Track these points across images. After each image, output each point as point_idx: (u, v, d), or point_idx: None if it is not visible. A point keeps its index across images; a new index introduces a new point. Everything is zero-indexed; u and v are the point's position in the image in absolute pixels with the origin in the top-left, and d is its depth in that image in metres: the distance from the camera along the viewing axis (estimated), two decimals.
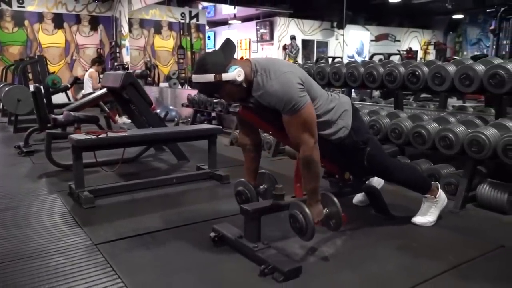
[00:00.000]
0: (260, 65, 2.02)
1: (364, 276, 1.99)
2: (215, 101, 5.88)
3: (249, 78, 2.02)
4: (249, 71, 2.02)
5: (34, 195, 3.31)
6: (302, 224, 2.04)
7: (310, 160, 2.02)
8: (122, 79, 3.90)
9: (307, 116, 1.99)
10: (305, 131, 1.99)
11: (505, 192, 2.80)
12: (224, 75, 1.94)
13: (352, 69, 3.82)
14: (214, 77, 1.93)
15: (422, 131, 3.11)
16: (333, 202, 2.14)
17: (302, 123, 1.98)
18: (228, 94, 2.05)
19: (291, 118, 1.99)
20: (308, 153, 2.01)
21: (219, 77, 1.93)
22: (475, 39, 16.05)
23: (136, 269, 2.06)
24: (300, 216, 2.04)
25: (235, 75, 1.94)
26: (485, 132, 2.75)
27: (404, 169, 2.64)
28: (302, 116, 1.97)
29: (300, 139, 2.01)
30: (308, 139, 2.00)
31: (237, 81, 1.95)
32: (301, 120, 1.98)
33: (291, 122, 2.00)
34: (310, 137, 2.00)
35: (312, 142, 2.01)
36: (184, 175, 3.67)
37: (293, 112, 1.97)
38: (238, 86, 1.99)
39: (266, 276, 1.94)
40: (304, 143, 2.01)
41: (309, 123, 2.00)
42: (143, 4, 9.99)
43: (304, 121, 1.98)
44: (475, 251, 2.22)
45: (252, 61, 2.05)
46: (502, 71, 2.75)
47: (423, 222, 2.55)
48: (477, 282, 1.94)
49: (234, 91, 2.02)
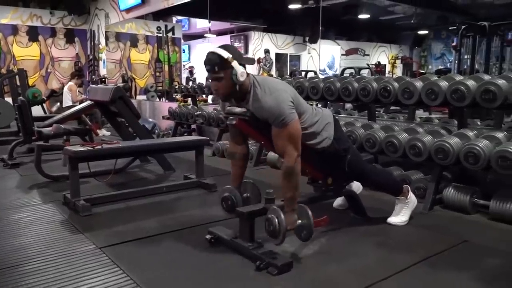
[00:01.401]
0: (258, 81, 2.28)
1: (348, 268, 2.25)
2: (197, 114, 6.10)
3: (246, 86, 2.27)
4: (248, 82, 2.27)
5: (29, 205, 3.43)
6: (275, 228, 2.22)
7: (291, 170, 2.26)
8: (112, 93, 4.07)
9: (294, 131, 2.24)
10: (290, 144, 2.24)
11: (467, 194, 3.14)
12: (234, 63, 2.19)
13: (329, 84, 4.13)
14: (228, 56, 2.18)
15: (394, 141, 3.43)
16: (307, 216, 2.30)
17: (288, 136, 2.23)
18: (224, 85, 2.24)
19: (279, 131, 2.24)
20: (291, 164, 2.25)
21: (231, 59, 2.18)
22: (439, 53, 16.86)
23: (142, 268, 2.25)
24: (275, 221, 2.23)
25: (240, 71, 2.19)
26: (449, 141, 3.09)
27: (379, 174, 2.95)
28: (289, 130, 2.23)
29: (284, 151, 2.25)
30: (292, 152, 2.25)
31: (239, 77, 2.20)
32: (288, 133, 2.23)
33: (279, 135, 2.25)
34: (294, 150, 2.25)
35: (296, 154, 2.25)
36: (173, 184, 3.86)
37: (281, 125, 2.22)
38: (235, 84, 2.22)
39: (262, 271, 2.17)
40: (288, 154, 2.25)
41: (294, 137, 2.25)
42: (121, 18, 10.12)
43: (291, 134, 2.24)
44: (442, 245, 2.53)
45: (251, 76, 2.31)
46: (462, 87, 3.11)
47: (397, 221, 2.85)
48: (444, 271, 2.23)
49: (229, 85, 2.23)
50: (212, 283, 2.11)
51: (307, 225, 2.30)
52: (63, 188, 3.82)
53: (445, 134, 3.33)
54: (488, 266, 2.31)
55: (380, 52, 17.24)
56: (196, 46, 16.90)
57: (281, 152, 2.29)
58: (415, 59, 17.11)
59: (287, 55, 15.49)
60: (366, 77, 4.09)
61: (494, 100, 2.96)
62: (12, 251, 2.48)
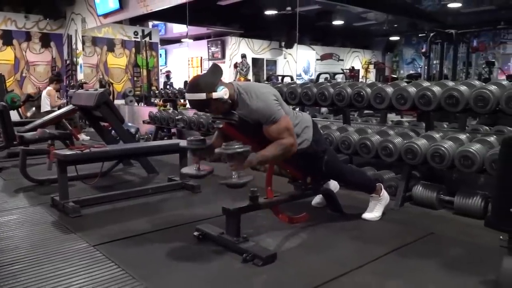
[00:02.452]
0: (242, 88, 2.48)
1: (327, 259, 2.46)
2: (178, 118, 6.24)
3: (233, 97, 2.46)
4: (233, 92, 2.46)
5: (18, 208, 3.50)
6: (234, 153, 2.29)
7: (286, 147, 2.46)
8: (96, 98, 4.18)
9: (286, 123, 2.48)
10: (285, 132, 2.46)
11: (434, 192, 3.41)
12: (214, 94, 2.36)
13: (306, 90, 4.36)
14: (206, 95, 2.35)
15: (367, 142, 3.67)
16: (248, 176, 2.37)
17: (282, 128, 2.46)
18: (216, 109, 2.46)
19: (272, 127, 2.45)
20: (289, 143, 2.46)
21: (209, 95, 2.35)
22: (410, 58, 17.47)
23: (136, 263, 2.40)
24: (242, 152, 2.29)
25: (222, 94, 2.37)
26: (417, 142, 3.36)
27: (354, 173, 3.19)
28: (282, 124, 2.46)
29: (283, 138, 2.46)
30: (290, 138, 2.48)
31: (224, 98, 2.38)
32: (281, 126, 2.45)
33: (272, 130, 2.46)
34: (290, 136, 2.48)
35: (293, 139, 2.49)
36: (159, 186, 4.00)
37: (273, 122, 2.44)
38: (224, 102, 2.41)
39: (248, 263, 2.36)
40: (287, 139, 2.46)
41: (288, 128, 2.48)
42: (98, 23, 10.14)
43: (284, 126, 2.46)
44: (411, 237, 2.77)
45: (234, 84, 2.49)
46: (429, 93, 3.38)
47: (371, 217, 3.08)
48: (412, 259, 2.47)
49: (220, 106, 2.44)
50: (203, 274, 2.28)
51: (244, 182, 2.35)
52: (49, 191, 3.90)
53: (414, 136, 3.60)
54: (452, 254, 2.55)
55: (354, 57, 17.72)
56: (173, 51, 16.99)
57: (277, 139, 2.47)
58: (387, 64, 17.67)
59: (263, 60, 15.75)
60: (341, 83, 4.32)
61: (457, 104, 3.24)
62: (6, 251, 2.57)
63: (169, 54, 17.19)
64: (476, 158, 3.00)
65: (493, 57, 13.25)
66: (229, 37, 14.81)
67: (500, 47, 13.74)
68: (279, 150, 2.46)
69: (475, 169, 3.02)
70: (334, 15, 13.27)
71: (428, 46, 9.26)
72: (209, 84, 2.38)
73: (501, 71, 12.29)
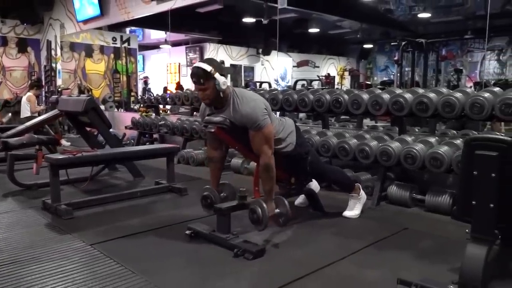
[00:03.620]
0: (237, 92, 2.71)
1: (311, 252, 2.68)
2: (161, 123, 6.38)
3: (227, 95, 2.68)
4: (228, 91, 2.68)
5: (9, 212, 3.59)
6: (259, 216, 2.67)
7: (268, 165, 2.70)
8: (85, 104, 4.30)
9: (268, 133, 2.68)
10: (265, 144, 2.68)
11: (407, 191, 3.68)
12: (216, 75, 2.58)
13: (287, 96, 4.59)
14: (211, 69, 2.56)
15: (345, 146, 3.92)
16: (284, 204, 2.78)
17: (264, 137, 2.67)
18: (208, 89, 2.62)
19: (256, 134, 2.66)
20: (267, 160, 2.69)
21: (214, 71, 2.57)
22: (383, 66, 18.04)
23: (134, 259, 2.55)
24: (258, 210, 2.67)
25: (222, 80, 2.59)
26: (391, 145, 3.62)
27: (335, 172, 3.43)
28: (264, 132, 2.66)
29: (261, 150, 2.69)
30: (267, 150, 2.69)
31: (221, 86, 2.59)
32: (263, 135, 2.66)
33: (255, 136, 2.68)
34: (268, 148, 2.69)
35: (270, 152, 2.70)
36: (147, 189, 4.14)
37: (257, 129, 2.65)
38: (217, 90, 2.61)
39: (239, 257, 2.55)
40: (264, 153, 2.69)
41: (268, 138, 2.69)
42: (77, 29, 10.16)
43: (265, 136, 2.67)
44: (387, 232, 3.02)
45: (231, 87, 2.71)
46: (401, 99, 3.65)
47: (351, 215, 3.33)
48: (388, 251, 2.71)
49: (213, 91, 2.62)
50: (198, 268, 2.46)
51: (284, 213, 2.74)
52: (37, 195, 4.01)
53: (388, 140, 3.86)
54: (423, 246, 2.81)
55: (330, 64, 18.14)
56: (151, 57, 17.01)
57: (257, 151, 2.72)
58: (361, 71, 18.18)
59: (241, 66, 15.98)
60: (320, 90, 4.57)
61: (427, 110, 3.52)
62: (4, 251, 2.68)
63: (146, 59, 17.20)
64: (444, 159, 3.28)
65: (461, 65, 13.85)
66: (207, 44, 14.97)
67: (468, 55, 14.37)
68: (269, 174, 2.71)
69: (443, 169, 3.30)
70: (310, 23, 13.63)
71: (400, 54, 9.67)
72: (219, 66, 2.63)
73: (468, 78, 12.89)
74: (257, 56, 16.18)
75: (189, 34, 14.80)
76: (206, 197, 3.01)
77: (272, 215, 2.73)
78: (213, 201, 2.95)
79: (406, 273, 2.23)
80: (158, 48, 16.13)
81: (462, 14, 11.30)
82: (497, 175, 1.93)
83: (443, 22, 12.43)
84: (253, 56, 16.18)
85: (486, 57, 13.86)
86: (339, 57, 18.42)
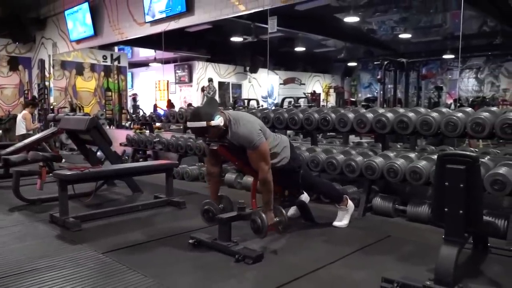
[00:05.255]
0: (232, 117, 3.00)
1: (305, 257, 2.97)
2: (155, 140, 6.63)
3: (226, 124, 2.97)
4: (226, 119, 2.97)
5: (18, 225, 3.79)
6: (259, 225, 2.96)
7: (265, 179, 3.00)
8: (87, 123, 4.55)
9: (263, 151, 2.99)
10: (262, 160, 2.98)
11: (390, 202, 4.00)
12: (212, 122, 2.86)
13: (278, 115, 4.91)
14: (206, 124, 2.85)
15: (333, 161, 4.24)
16: (282, 213, 3.11)
17: (260, 155, 2.98)
18: (213, 134, 2.97)
19: (253, 152, 2.97)
20: (264, 175, 3.00)
21: (208, 123, 2.85)
22: (367, 83, 18.62)
23: (144, 265, 2.79)
24: (258, 220, 2.97)
25: (219, 122, 2.88)
26: (375, 160, 3.95)
27: (325, 185, 3.75)
28: (260, 151, 2.97)
29: (258, 166, 2.99)
30: (264, 166, 2.99)
31: (220, 126, 2.89)
32: (259, 153, 2.97)
33: (253, 155, 2.98)
34: (265, 164, 2.99)
35: (267, 168, 3.00)
36: (147, 203, 4.39)
37: (254, 148, 2.95)
38: (220, 129, 2.92)
39: (240, 262, 2.82)
40: (261, 168, 2.99)
41: (264, 155, 3.00)
42: (70, 48, 10.40)
43: (261, 154, 2.98)
44: (372, 239, 3.33)
45: (226, 113, 3.00)
46: (384, 118, 4.00)
47: (340, 224, 3.63)
48: (374, 256, 3.01)
49: (216, 132, 2.95)
50: (204, 272, 2.73)
51: (283, 221, 3.06)
52: (42, 210, 4.24)
53: (372, 155, 4.20)
54: (404, 251, 3.12)
55: (315, 81, 18.64)
56: (140, 74, 17.29)
57: (256, 167, 3.03)
58: (346, 88, 18.72)
59: (229, 84, 16.35)
60: (309, 109, 4.89)
61: (407, 128, 3.87)
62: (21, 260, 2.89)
63: (135, 77, 17.46)
64: (423, 172, 3.62)
65: (441, 83, 14.45)
66: (196, 62, 15.33)
67: (448, 73, 15.00)
68: (267, 187, 3.02)
69: (422, 182, 3.64)
70: (296, 42, 14.08)
71: (382, 73, 10.14)
72: (208, 114, 2.88)
73: (448, 95, 13.45)
74: (245, 74, 16.59)
75: (178, 53, 15.15)
76: (207, 210, 3.27)
77: (272, 224, 3.01)
78: (214, 213, 3.22)
79: (389, 273, 2.52)
80: (147, 66, 16.42)
81: (440, 34, 11.87)
82: (465, 185, 2.26)
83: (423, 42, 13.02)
84: (240, 74, 16.58)
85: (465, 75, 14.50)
86: (324, 75, 18.94)
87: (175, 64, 15.90)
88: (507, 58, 13.24)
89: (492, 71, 13.83)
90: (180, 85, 15.90)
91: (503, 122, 3.33)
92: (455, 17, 10.10)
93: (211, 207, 3.25)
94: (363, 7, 9.84)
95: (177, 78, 15.82)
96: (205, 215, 3.27)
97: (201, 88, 15.28)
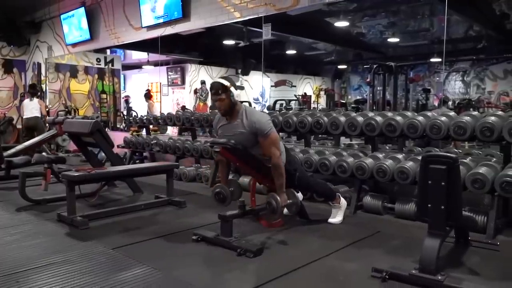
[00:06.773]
0: (246, 107, 3.38)
1: (301, 251, 3.21)
2: (153, 142, 6.83)
3: (239, 108, 3.33)
4: (239, 104, 3.34)
5: (27, 224, 3.97)
6: (274, 207, 3.22)
7: (277, 164, 3.28)
8: (91, 126, 4.74)
9: (274, 138, 3.33)
10: (273, 146, 3.29)
11: (380, 201, 4.26)
12: (232, 88, 3.24)
13: (273, 118, 5.14)
14: (228, 84, 3.23)
15: (326, 162, 4.49)
16: (294, 195, 3.39)
17: (272, 141, 3.29)
18: (224, 100, 3.27)
19: (265, 139, 3.28)
20: (276, 160, 3.28)
21: (230, 85, 3.24)
22: (357, 85, 18.96)
23: (152, 259, 3.00)
24: (273, 202, 3.22)
25: (236, 93, 3.27)
26: (365, 161, 4.21)
27: (319, 184, 4.00)
28: (272, 137, 3.29)
29: (270, 152, 3.28)
30: (276, 151, 3.29)
31: (235, 98, 3.25)
32: (271, 140, 3.29)
33: (265, 142, 3.29)
34: (276, 150, 3.30)
35: (278, 153, 3.30)
36: (149, 202, 4.60)
37: (266, 135, 3.26)
38: (232, 103, 3.26)
39: (241, 256, 3.05)
40: (273, 154, 3.28)
41: (275, 142, 3.31)
42: (66, 51, 10.54)
43: (273, 140, 3.30)
44: (363, 234, 3.58)
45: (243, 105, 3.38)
46: (373, 122, 4.26)
47: (335, 221, 3.89)
48: (364, 249, 3.26)
49: (228, 102, 3.27)
50: (209, 264, 2.97)
51: (295, 202, 3.35)
52: (48, 209, 4.42)
53: (363, 156, 4.45)
54: (393, 245, 3.39)
55: (306, 83, 18.94)
56: (132, 76, 17.42)
57: (268, 153, 3.31)
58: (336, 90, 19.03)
59: None
60: (303, 113, 5.13)
61: (395, 131, 4.14)
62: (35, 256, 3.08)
63: (128, 79, 17.58)
64: (410, 172, 3.88)
65: (429, 85, 14.82)
66: (188, 64, 15.51)
67: (435, 76, 15.38)
68: (279, 171, 3.28)
69: (409, 181, 3.90)
70: (287, 45, 14.35)
71: (372, 76, 10.45)
72: (233, 82, 3.31)
73: (436, 97, 13.82)
74: (236, 76, 16.81)
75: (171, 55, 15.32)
76: (219, 192, 3.48)
77: (285, 205, 3.28)
78: (225, 195, 3.45)
79: (379, 263, 2.77)
80: (139, 68, 16.57)
81: (428, 38, 12.22)
82: (446, 183, 2.52)
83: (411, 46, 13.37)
84: (232, 76, 16.77)
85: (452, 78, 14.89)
86: (314, 77, 19.24)
87: (168, 67, 16.05)
88: (492, 61, 13.63)
89: (478, 74, 14.22)
90: (172, 88, 16.06)
91: (482, 125, 3.61)
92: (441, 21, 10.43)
93: (222, 189, 3.48)
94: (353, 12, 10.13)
95: (170, 81, 15.99)
96: (216, 197, 3.49)
97: (194, 90, 15.47)
